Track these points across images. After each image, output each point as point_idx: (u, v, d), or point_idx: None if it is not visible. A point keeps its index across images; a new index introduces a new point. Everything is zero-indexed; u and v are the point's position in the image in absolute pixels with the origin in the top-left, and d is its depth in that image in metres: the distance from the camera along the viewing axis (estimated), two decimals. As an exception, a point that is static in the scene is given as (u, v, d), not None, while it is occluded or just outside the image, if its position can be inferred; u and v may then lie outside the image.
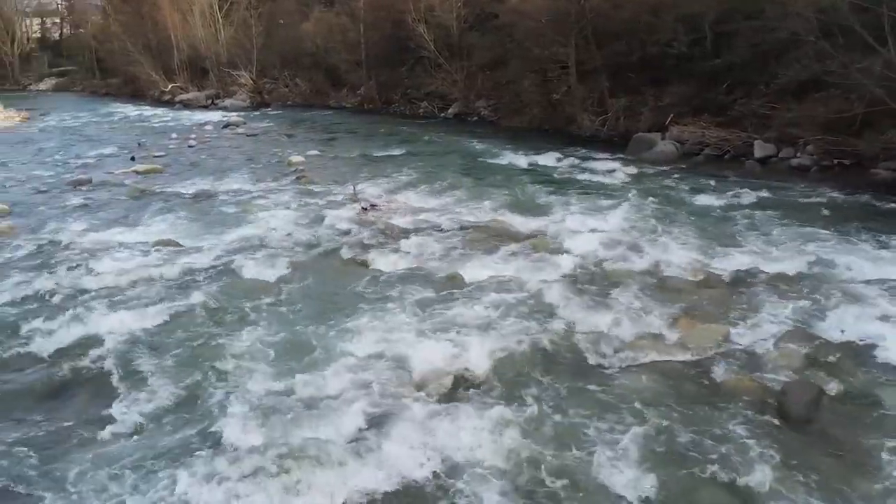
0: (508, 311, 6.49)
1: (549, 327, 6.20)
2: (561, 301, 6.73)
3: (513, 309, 6.53)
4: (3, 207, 11.61)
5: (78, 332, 6.17)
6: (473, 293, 6.95)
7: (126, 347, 5.94)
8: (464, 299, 6.79)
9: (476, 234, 9.50)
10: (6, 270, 7.87)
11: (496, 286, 7.14)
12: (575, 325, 6.29)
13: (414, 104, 28.50)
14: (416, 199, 11.98)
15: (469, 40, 25.10)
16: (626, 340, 5.95)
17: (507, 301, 6.71)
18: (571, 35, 18.58)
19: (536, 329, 6.12)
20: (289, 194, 12.59)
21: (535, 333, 6.04)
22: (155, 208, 11.33)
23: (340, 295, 7.04)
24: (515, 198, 12.09)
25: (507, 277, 7.44)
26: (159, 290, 7.19)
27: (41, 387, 5.40)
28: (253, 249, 8.69)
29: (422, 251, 8.55)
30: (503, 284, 7.20)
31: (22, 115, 32.87)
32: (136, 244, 9.04)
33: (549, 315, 6.51)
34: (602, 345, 5.86)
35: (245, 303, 6.79)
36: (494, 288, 7.09)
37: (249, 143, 20.87)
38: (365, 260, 8.23)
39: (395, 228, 9.74)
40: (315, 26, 33.67)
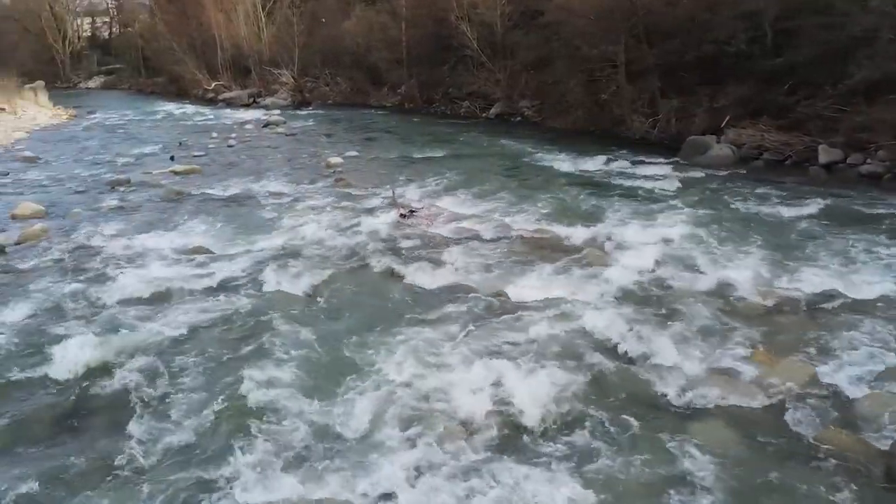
0: (560, 337, 5.88)
1: (607, 358, 5.57)
2: (618, 326, 6.08)
3: (565, 335, 5.92)
4: (40, 209, 11.47)
5: (97, 352, 5.78)
6: (521, 315, 6.35)
7: (147, 370, 5.54)
8: (510, 322, 6.20)
9: (521, 244, 8.91)
10: (33, 278, 7.59)
11: (545, 307, 6.53)
12: (635, 356, 5.65)
13: (455, 104, 27.96)
14: (457, 205, 11.43)
15: (513, 39, 24.45)
16: (694, 377, 5.28)
17: (558, 325, 6.10)
18: (621, 33, 17.79)
19: (593, 360, 5.50)
20: (326, 198, 12.18)
21: (592, 366, 5.42)
22: (189, 211, 11.03)
23: (376, 313, 6.53)
24: (562, 204, 11.45)
25: (556, 297, 6.82)
26: (187, 304, 6.80)
27: (52, 413, 5.03)
28: (286, 258, 8.26)
29: (463, 264, 7.99)
30: (553, 305, 6.58)
31: (69, 113, 33.45)
32: (167, 250, 8.72)
33: (606, 343, 5.88)
34: (668, 381, 5.21)
35: (275, 321, 6.33)
36: (543, 309, 6.48)
37: (288, 143, 20.62)
38: (403, 273, 7.71)
39: (435, 237, 9.21)
40: (356, 24, 33.42)
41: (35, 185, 14.31)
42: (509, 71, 25.03)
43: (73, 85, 59.80)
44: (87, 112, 34.28)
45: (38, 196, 13.00)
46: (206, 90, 40.91)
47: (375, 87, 33.01)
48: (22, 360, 5.70)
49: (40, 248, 8.91)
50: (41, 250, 8.81)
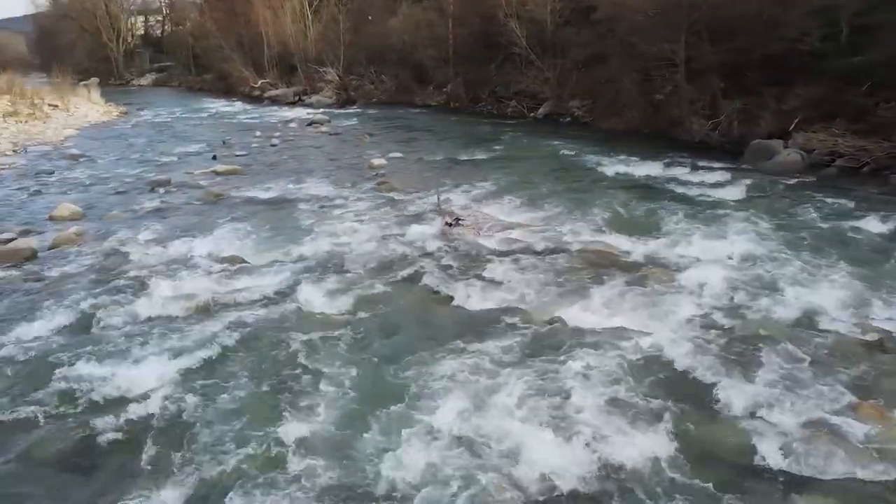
0: (630, 378, 5.14)
1: (684, 406, 4.80)
2: (693, 365, 5.32)
3: (636, 376, 5.18)
4: (77, 210, 11.24)
5: (117, 378, 5.32)
6: (580, 347, 5.62)
7: (168, 403, 5.03)
8: (569, 356, 5.48)
9: (576, 260, 8.17)
10: (59, 289, 7.22)
11: (607, 338, 5.79)
12: (717, 405, 4.88)
13: (502, 103, 27.22)
14: (506, 213, 10.75)
15: (564, 36, 23.58)
16: (790, 434, 4.48)
17: (626, 362, 5.36)
18: (681, 30, 16.79)
19: (667, 408, 4.76)
20: (368, 202, 11.64)
21: (667, 414, 4.67)
22: (227, 216, 10.62)
23: (419, 341, 5.89)
24: (619, 214, 10.66)
25: (619, 326, 6.08)
26: (217, 323, 6.29)
27: (61, 451, 4.55)
28: (324, 271, 7.72)
29: (514, 282, 7.30)
30: (616, 335, 5.84)
31: (119, 110, 33.93)
32: (201, 259, 8.27)
33: (681, 386, 5.11)
34: (759, 438, 4.43)
35: (308, 346, 5.78)
36: (607, 340, 5.74)
37: (332, 143, 20.24)
38: (449, 292, 7.06)
39: (482, 249, 8.54)
40: (402, 22, 32.98)
41: (77, 185, 14.20)
42: (559, 69, 24.16)
43: (126, 82, 61.19)
44: (137, 109, 34.74)
45: (78, 196, 12.85)
46: (252, 88, 41.13)
47: (420, 85, 32.49)
48: (30, 386, 5.27)
49: (72, 255, 8.58)
50: (72, 257, 8.49)
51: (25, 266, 8.16)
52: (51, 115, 29.28)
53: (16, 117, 26.33)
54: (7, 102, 29.51)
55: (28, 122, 26.01)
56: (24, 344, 5.95)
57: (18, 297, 7.02)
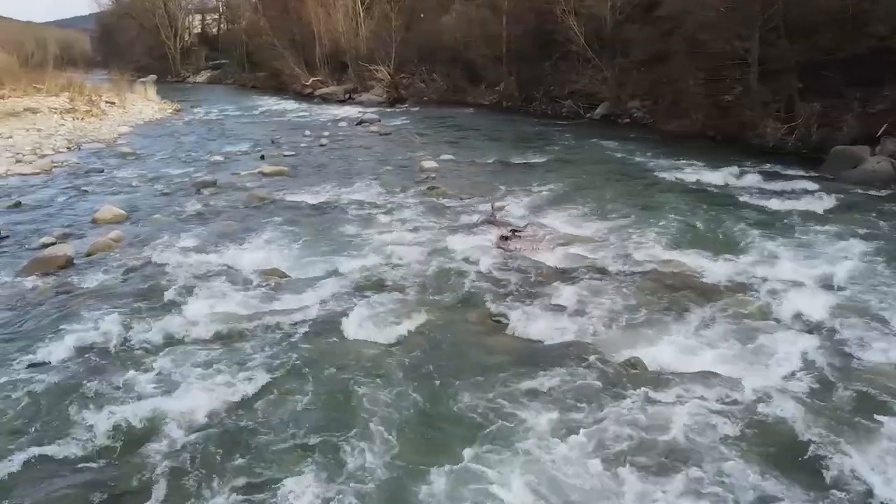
0: (725, 442, 4.29)
1: (801, 487, 3.95)
2: (805, 427, 4.40)
3: (732, 439, 4.33)
4: (121, 213, 10.93)
5: (139, 410, 4.78)
6: (664, 398, 4.78)
7: (193, 442, 4.46)
8: (651, 410, 4.63)
9: (648, 281, 7.32)
10: (91, 303, 6.76)
11: (696, 384, 4.92)
12: (838, 481, 4.01)
13: (557, 103, 26.27)
14: (566, 225, 9.93)
15: (624, 33, 22.48)
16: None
17: (718, 419, 4.50)
18: (755, 26, 15.59)
19: (781, 488, 3.91)
20: (418, 209, 10.99)
21: (782, 495, 3.84)
22: (270, 222, 10.12)
23: (471, 381, 5.14)
24: (690, 226, 9.72)
25: (709, 371, 5.18)
26: (253, 349, 5.69)
27: (70, 496, 4.00)
28: (368, 290, 7.07)
29: (579, 308, 6.51)
30: (706, 383, 4.97)
31: (174, 108, 34.28)
32: (240, 272, 7.75)
33: (794, 455, 4.22)
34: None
35: (351, 381, 5.12)
36: (694, 389, 4.88)
37: (381, 144, 19.70)
38: (505, 319, 6.30)
39: (542, 268, 7.76)
40: (455, 19, 32.33)
41: (125, 185, 14.00)
42: (618, 68, 23.09)
43: (182, 79, 62.43)
44: (191, 106, 35.06)
45: (123, 197, 12.60)
46: (304, 86, 41.15)
47: (472, 84, 31.78)
48: (50, 417, 4.77)
49: (109, 263, 8.18)
50: (109, 265, 8.08)
51: (59, 275, 7.78)
52: (107, 112, 29.74)
53: (73, 114, 26.77)
54: (66, 100, 30.14)
55: (85, 119, 26.40)
56: (46, 367, 5.47)
57: (47, 311, 6.60)
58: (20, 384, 5.14)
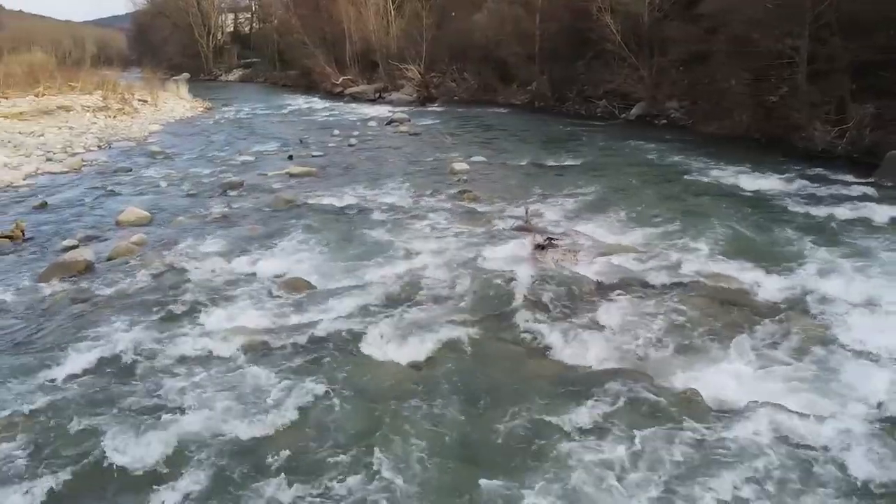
0: (800, 498, 3.78)
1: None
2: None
3: (810, 492, 3.81)
4: (145, 215, 10.71)
5: (154, 433, 4.42)
6: (732, 440, 4.20)
7: (212, 470, 4.09)
8: (718, 456, 4.05)
9: (698, 298, 6.77)
10: (105, 313, 6.46)
11: (763, 424, 4.33)
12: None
13: (590, 103, 25.60)
14: (605, 233, 9.40)
15: (663, 31, 21.75)
16: None
17: (793, 469, 3.91)
18: (805, 23, 14.81)
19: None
20: (448, 215, 10.55)
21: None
22: (296, 226, 9.77)
23: (508, 412, 4.65)
24: (740, 236, 9.11)
25: (776, 403, 4.62)
26: (272, 368, 5.29)
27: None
28: (396, 303, 6.64)
29: (624, 328, 5.99)
30: (775, 421, 4.36)
31: (205, 106, 34.40)
32: (263, 281, 7.39)
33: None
34: None
35: (374, 408, 4.71)
36: (762, 428, 4.29)
37: (411, 144, 19.32)
38: (543, 340, 5.81)
39: (581, 281, 7.26)
40: (487, 17, 31.81)
41: (151, 185, 13.84)
42: (655, 67, 22.37)
43: (215, 77, 62.96)
44: (222, 105, 35.17)
45: (149, 198, 12.41)
46: (333, 84, 41.06)
47: (504, 83, 31.25)
48: (53, 446, 4.44)
49: (128, 269, 7.89)
50: (129, 271, 7.79)
51: (77, 281, 7.52)
52: (139, 110, 29.91)
53: (105, 112, 26.94)
54: (99, 98, 30.39)
55: (117, 117, 26.55)
56: (53, 387, 5.15)
57: (60, 323, 6.32)
58: (25, 404, 4.83)
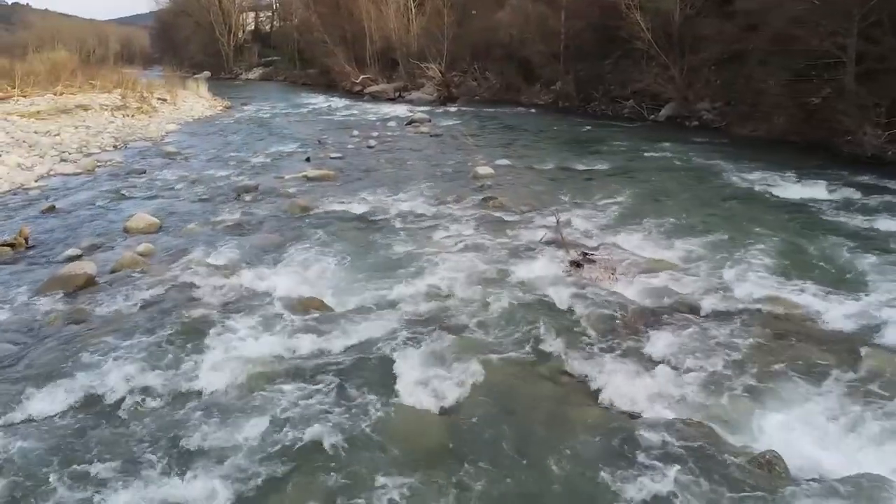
0: None
1: None
2: None
3: None
4: (154, 221, 10.19)
5: (142, 492, 3.83)
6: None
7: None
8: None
9: (758, 327, 6.03)
10: (103, 335, 5.85)
11: (859, 499, 3.69)
12: None
13: (617, 103, 24.81)
14: (644, 247, 8.69)
15: (695, 29, 20.87)
16: None
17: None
18: (854, 20, 13.92)
19: None
20: (473, 224, 9.90)
21: None
22: (311, 236, 9.17)
23: (547, 469, 3.98)
24: (792, 253, 8.34)
25: (868, 471, 3.90)
26: (278, 413, 4.64)
27: None
28: (419, 330, 5.98)
29: (679, 366, 5.26)
30: (873, 498, 3.72)
31: (224, 105, 34.05)
32: (275, 301, 6.77)
33: None
34: None
35: (393, 461, 4.06)
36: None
37: (432, 146, 18.68)
38: (587, 378, 5.09)
39: (623, 303, 6.55)
40: (510, 15, 31.08)
41: (165, 187, 13.34)
42: (686, 67, 21.50)
43: (235, 76, 62.87)
44: (241, 104, 34.80)
45: (160, 202, 11.91)
46: (353, 83, 40.59)
47: (527, 83, 30.54)
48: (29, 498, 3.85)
49: (132, 283, 7.33)
50: (132, 286, 7.22)
51: (76, 297, 6.98)
52: (158, 108, 29.58)
53: (124, 111, 26.62)
54: (118, 96, 30.14)
55: (135, 116, 26.20)
56: (24, 430, 4.56)
57: (51, 347, 5.75)
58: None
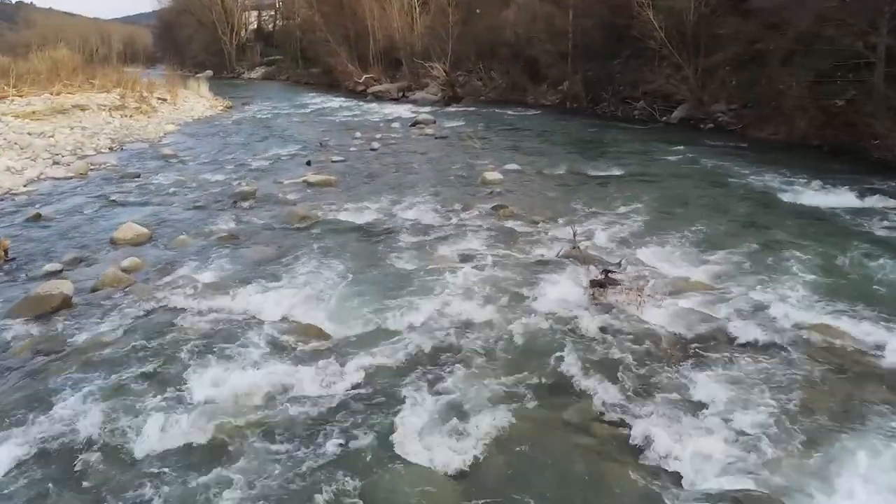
0: None
1: None
2: None
3: None
4: (143, 231, 9.56)
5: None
6: None
7: None
8: None
9: (808, 362, 5.36)
10: (69, 373, 5.18)
11: None
12: None
13: (627, 104, 24.09)
14: (669, 263, 8.03)
15: (710, 28, 20.16)
16: None
17: None
18: (884, 17, 13.21)
19: None
20: (483, 235, 9.24)
21: None
22: (309, 251, 8.51)
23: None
24: (832, 272, 7.66)
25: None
26: (263, 471, 4.00)
27: None
28: (427, 365, 5.30)
29: (729, 415, 4.54)
30: None
31: (224, 105, 33.42)
32: (267, 327, 6.11)
33: None
34: None
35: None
36: None
37: (437, 149, 18.00)
38: (621, 431, 4.40)
39: (658, 336, 5.87)
40: (517, 14, 30.37)
41: (158, 193, 12.70)
42: (701, 66, 20.78)
43: (237, 75, 62.22)
44: (242, 104, 34.19)
45: (151, 210, 11.27)
46: (356, 83, 39.94)
47: (534, 83, 29.83)
48: None
49: (112, 305, 6.68)
50: (112, 309, 6.58)
51: (50, 321, 6.34)
52: (158, 109, 28.96)
53: (122, 111, 26.00)
54: (117, 96, 29.50)
55: (133, 116, 25.59)
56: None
57: (13, 384, 5.09)
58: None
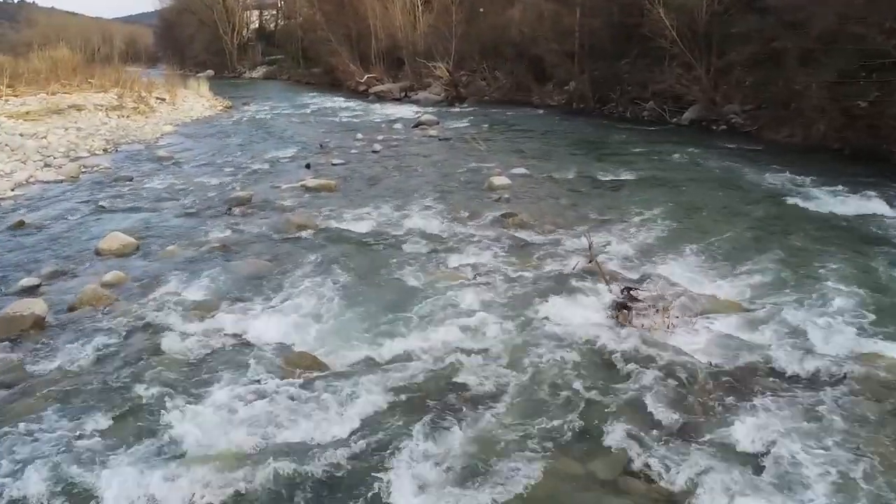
0: None
1: None
2: None
3: None
4: (130, 241, 8.98)
5: None
6: None
7: None
8: None
9: (863, 401, 4.76)
10: (33, 411, 4.58)
11: None
12: None
13: (636, 105, 23.48)
14: (696, 279, 7.43)
15: (723, 26, 19.52)
16: None
17: None
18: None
19: None
20: (491, 247, 8.66)
21: None
22: (306, 264, 7.93)
23: None
24: (878, 289, 7.03)
25: None
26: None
27: None
28: (432, 402, 4.68)
29: (782, 469, 3.98)
30: None
31: (224, 105, 32.89)
32: (257, 353, 5.53)
33: None
34: None
35: None
36: None
37: (441, 151, 17.40)
38: (663, 491, 3.86)
39: (693, 367, 5.26)
40: (522, 12, 29.75)
41: (150, 198, 12.13)
42: (713, 66, 20.17)
43: (238, 75, 61.72)
44: (242, 103, 33.65)
45: (141, 217, 10.70)
46: (358, 83, 39.39)
47: (539, 83, 29.23)
48: None
49: (90, 327, 6.10)
50: (89, 332, 5.99)
51: (19, 346, 5.76)
52: (156, 109, 28.43)
53: (119, 112, 25.46)
54: (114, 96, 28.95)
55: (131, 116, 25.06)
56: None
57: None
58: None
